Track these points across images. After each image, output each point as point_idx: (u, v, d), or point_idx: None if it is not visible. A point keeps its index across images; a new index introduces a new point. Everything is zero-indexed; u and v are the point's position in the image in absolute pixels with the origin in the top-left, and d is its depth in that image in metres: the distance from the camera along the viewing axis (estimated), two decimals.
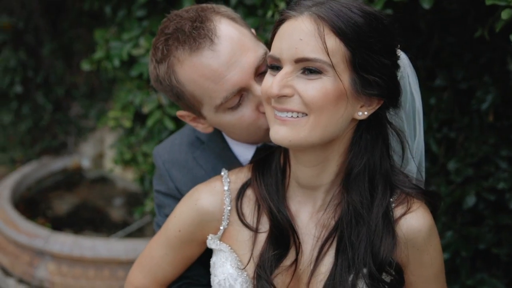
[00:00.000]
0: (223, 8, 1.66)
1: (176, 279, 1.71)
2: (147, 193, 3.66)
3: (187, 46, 1.55)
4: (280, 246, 1.50)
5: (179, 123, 2.84)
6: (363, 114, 1.41)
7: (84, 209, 5.42)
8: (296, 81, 1.35)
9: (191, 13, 1.60)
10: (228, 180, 1.60)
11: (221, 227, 1.58)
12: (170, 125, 2.86)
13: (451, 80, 2.57)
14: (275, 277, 1.50)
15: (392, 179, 1.51)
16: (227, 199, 1.58)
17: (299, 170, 1.50)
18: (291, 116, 1.37)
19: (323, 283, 1.47)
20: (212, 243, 1.59)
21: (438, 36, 2.58)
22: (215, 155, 1.79)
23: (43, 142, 6.14)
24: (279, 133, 1.39)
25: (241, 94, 1.59)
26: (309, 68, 1.34)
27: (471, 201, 2.45)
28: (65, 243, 4.16)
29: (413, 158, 1.63)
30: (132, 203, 5.31)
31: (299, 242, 1.51)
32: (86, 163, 6.04)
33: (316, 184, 1.50)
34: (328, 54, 1.31)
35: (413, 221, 1.48)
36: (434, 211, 1.56)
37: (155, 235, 1.71)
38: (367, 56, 1.34)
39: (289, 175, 1.54)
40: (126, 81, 3.19)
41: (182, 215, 1.62)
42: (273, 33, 1.43)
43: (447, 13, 2.48)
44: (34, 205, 5.32)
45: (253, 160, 1.64)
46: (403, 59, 1.53)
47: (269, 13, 2.32)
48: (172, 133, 2.11)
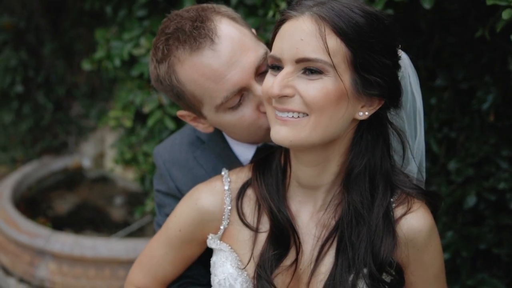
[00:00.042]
0: (223, 8, 1.66)
1: (177, 278, 1.71)
2: (147, 192, 3.66)
3: (188, 46, 1.55)
4: (281, 246, 1.50)
5: (180, 123, 2.84)
6: (364, 114, 1.41)
7: (85, 208, 5.42)
8: (297, 81, 1.35)
9: (191, 13, 1.60)
10: (229, 179, 1.60)
11: (222, 227, 1.58)
12: (170, 125, 2.86)
13: (451, 80, 2.56)
14: (275, 277, 1.50)
15: (392, 179, 1.51)
16: (228, 198, 1.58)
17: (299, 170, 1.50)
18: (292, 116, 1.37)
19: (323, 283, 1.47)
20: (212, 242, 1.60)
21: (438, 36, 2.58)
22: (216, 154, 1.79)
23: (44, 141, 6.14)
24: (280, 133, 1.39)
25: (242, 94, 1.59)
26: (310, 68, 1.33)
27: (471, 201, 2.45)
28: (65, 242, 4.16)
29: (413, 158, 1.63)
30: (132, 202, 5.31)
31: (299, 242, 1.51)
32: (86, 162, 6.05)
33: (317, 184, 1.50)
34: (329, 54, 1.31)
35: (414, 221, 1.48)
36: (434, 211, 1.56)
37: (156, 234, 1.71)
38: (368, 57, 1.34)
39: (290, 175, 1.54)
40: (126, 81, 3.19)
41: (182, 214, 1.62)
42: (274, 33, 1.42)
43: (447, 13, 2.47)
44: (34, 205, 5.32)
45: (253, 160, 1.64)
46: (404, 59, 1.52)
47: (270, 13, 2.32)
48: (172, 133, 2.11)
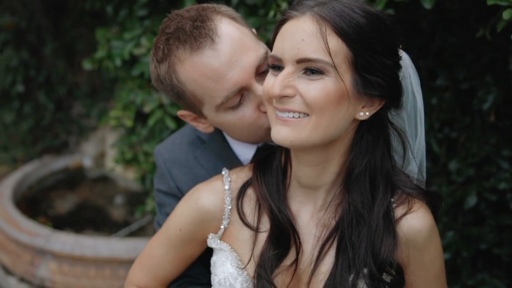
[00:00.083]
0: (224, 7, 1.66)
1: (177, 277, 1.71)
2: (148, 192, 3.66)
3: (188, 46, 1.55)
4: (281, 245, 1.50)
5: (180, 122, 2.84)
6: (364, 114, 1.41)
7: (85, 208, 5.43)
8: (298, 82, 1.35)
9: (192, 13, 1.60)
10: (229, 179, 1.60)
11: (222, 226, 1.58)
12: (171, 124, 2.86)
13: (452, 80, 2.56)
14: (276, 276, 1.50)
15: (393, 179, 1.50)
16: (228, 198, 1.58)
17: (300, 170, 1.50)
18: (293, 117, 1.37)
19: (323, 283, 1.47)
20: (213, 242, 1.60)
21: (439, 36, 2.57)
22: (216, 154, 1.79)
23: (45, 141, 6.15)
24: (280, 134, 1.38)
25: (242, 93, 1.59)
26: (311, 69, 1.33)
27: (472, 201, 2.45)
28: (66, 242, 4.16)
29: (414, 158, 1.62)
30: (133, 202, 5.31)
31: (300, 241, 1.50)
32: (87, 162, 6.05)
33: (317, 184, 1.50)
34: (330, 55, 1.31)
35: (414, 221, 1.47)
36: (435, 212, 1.55)
37: (156, 234, 1.71)
38: (369, 57, 1.34)
39: (290, 175, 1.54)
40: (127, 80, 3.19)
41: (182, 214, 1.62)
42: (275, 33, 1.42)
43: (448, 13, 2.47)
44: (35, 204, 5.33)
45: (254, 160, 1.64)
46: (405, 60, 1.52)
47: (271, 13, 2.32)
48: (173, 133, 2.11)
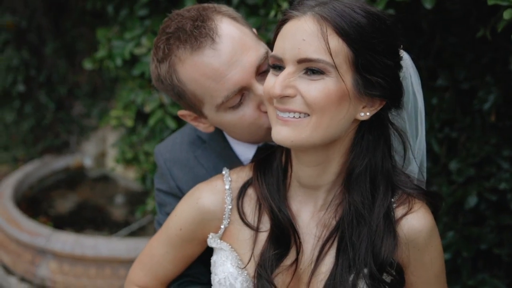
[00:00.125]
0: (224, 7, 1.66)
1: (177, 277, 1.71)
2: (148, 192, 3.66)
3: (188, 45, 1.55)
4: (281, 245, 1.50)
5: (181, 122, 2.84)
6: (365, 115, 1.41)
7: (86, 208, 5.43)
8: (299, 82, 1.35)
9: (192, 13, 1.60)
10: (229, 179, 1.60)
11: (222, 226, 1.58)
12: (171, 124, 2.86)
13: (453, 80, 2.56)
14: (276, 276, 1.50)
15: (393, 179, 1.50)
16: (228, 198, 1.58)
17: (300, 170, 1.50)
18: (293, 117, 1.37)
19: (323, 283, 1.47)
20: (213, 242, 1.60)
21: (440, 36, 2.57)
22: (216, 154, 1.79)
23: (46, 141, 6.16)
24: (281, 134, 1.38)
25: (242, 93, 1.59)
26: (311, 69, 1.33)
27: (472, 201, 2.45)
28: (66, 241, 4.17)
29: (414, 159, 1.62)
30: (133, 202, 5.32)
31: (300, 241, 1.50)
32: (88, 162, 6.06)
33: (318, 184, 1.50)
34: (331, 55, 1.31)
35: (414, 221, 1.47)
36: (435, 212, 1.55)
37: (156, 233, 1.71)
38: (370, 57, 1.34)
39: (291, 175, 1.54)
40: (128, 80, 3.19)
41: (183, 213, 1.62)
42: (275, 33, 1.42)
43: (449, 13, 2.47)
44: (36, 204, 5.34)
45: (254, 159, 1.64)
46: (406, 60, 1.52)
47: (272, 13, 2.32)
48: (173, 132, 2.11)
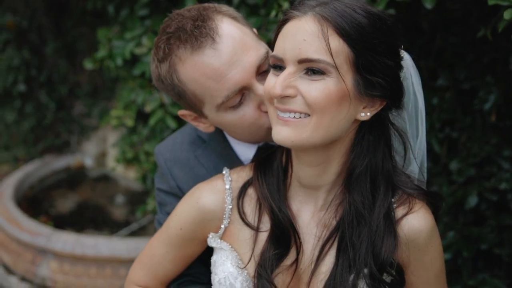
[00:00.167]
0: (225, 7, 1.66)
1: (177, 276, 1.71)
2: (149, 192, 3.66)
3: (189, 45, 1.55)
4: (281, 245, 1.50)
5: (181, 122, 2.84)
6: (365, 115, 1.41)
7: (87, 207, 5.43)
8: (299, 82, 1.35)
9: (193, 12, 1.60)
10: (230, 178, 1.60)
11: (222, 226, 1.58)
12: (172, 124, 2.86)
13: (453, 80, 2.56)
14: (276, 276, 1.50)
15: (394, 179, 1.50)
16: (229, 197, 1.58)
17: (300, 170, 1.50)
18: (294, 117, 1.37)
19: (323, 282, 1.47)
20: (213, 241, 1.60)
21: (440, 36, 2.57)
22: (217, 154, 1.79)
23: (46, 140, 6.16)
24: (281, 134, 1.38)
25: (243, 93, 1.59)
26: (312, 69, 1.33)
27: (473, 201, 2.45)
28: (67, 241, 4.17)
29: (415, 159, 1.62)
30: (134, 201, 5.32)
31: (300, 241, 1.51)
32: (88, 161, 6.06)
33: (318, 184, 1.50)
34: (331, 55, 1.31)
35: (415, 221, 1.47)
36: (435, 212, 1.55)
37: (156, 233, 1.71)
38: (371, 57, 1.34)
39: (291, 175, 1.54)
40: (128, 80, 3.19)
41: (183, 213, 1.62)
42: (276, 32, 1.42)
43: (449, 13, 2.47)
44: (36, 204, 5.34)
45: (254, 159, 1.64)
46: (407, 60, 1.52)
47: (273, 13, 2.32)
48: (174, 132, 2.11)
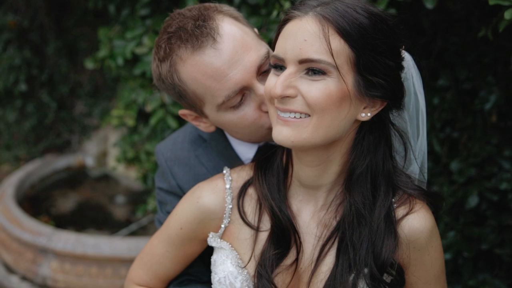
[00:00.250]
0: (225, 7, 1.66)
1: (177, 276, 1.72)
2: (149, 191, 3.67)
3: (190, 45, 1.56)
4: (281, 245, 1.50)
5: (182, 121, 2.84)
6: (366, 115, 1.41)
7: (87, 207, 5.44)
8: (300, 82, 1.35)
9: (194, 12, 1.60)
10: (230, 178, 1.60)
11: (222, 225, 1.58)
12: (173, 123, 2.86)
13: (454, 80, 2.56)
14: (276, 276, 1.50)
15: (394, 180, 1.50)
16: (229, 197, 1.58)
17: (301, 170, 1.50)
18: (294, 117, 1.37)
19: (323, 282, 1.47)
20: (213, 241, 1.60)
21: (441, 36, 2.57)
22: (217, 153, 1.79)
23: (47, 140, 6.17)
24: (281, 134, 1.38)
25: (243, 93, 1.59)
26: (313, 69, 1.33)
27: (473, 201, 2.45)
28: (68, 241, 4.18)
29: (415, 159, 1.62)
30: (135, 201, 5.33)
31: (300, 241, 1.50)
32: (89, 161, 6.07)
33: (318, 184, 1.50)
34: (332, 55, 1.31)
35: (415, 222, 1.47)
36: (436, 212, 1.55)
37: (156, 232, 1.71)
38: (372, 58, 1.34)
39: (291, 175, 1.54)
40: (129, 79, 3.19)
41: (183, 212, 1.62)
42: (277, 32, 1.42)
43: (450, 13, 2.47)
44: (37, 203, 5.35)
45: (255, 159, 1.64)
46: (408, 60, 1.52)
47: (274, 12, 2.32)
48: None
